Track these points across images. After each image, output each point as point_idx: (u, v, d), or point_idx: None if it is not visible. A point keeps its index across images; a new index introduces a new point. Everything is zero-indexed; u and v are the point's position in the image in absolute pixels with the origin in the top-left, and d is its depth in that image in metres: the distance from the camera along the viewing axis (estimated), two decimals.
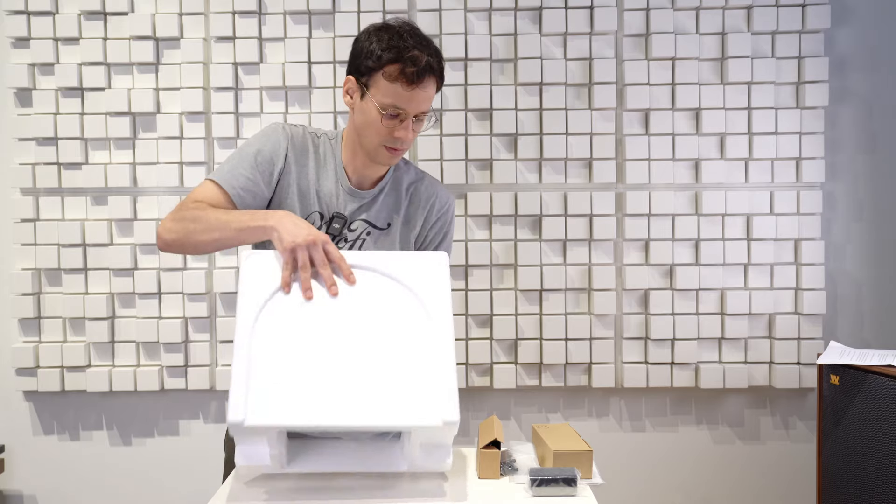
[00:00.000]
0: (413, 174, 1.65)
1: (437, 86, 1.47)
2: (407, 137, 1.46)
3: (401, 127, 1.45)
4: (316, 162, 1.56)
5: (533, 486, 1.28)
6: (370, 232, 1.57)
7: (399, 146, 1.48)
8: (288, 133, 1.54)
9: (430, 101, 1.47)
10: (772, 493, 2.55)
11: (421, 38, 1.44)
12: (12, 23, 2.42)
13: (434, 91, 1.47)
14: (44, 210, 2.46)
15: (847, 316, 2.53)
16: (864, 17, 2.49)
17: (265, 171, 1.50)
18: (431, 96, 1.46)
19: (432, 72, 1.43)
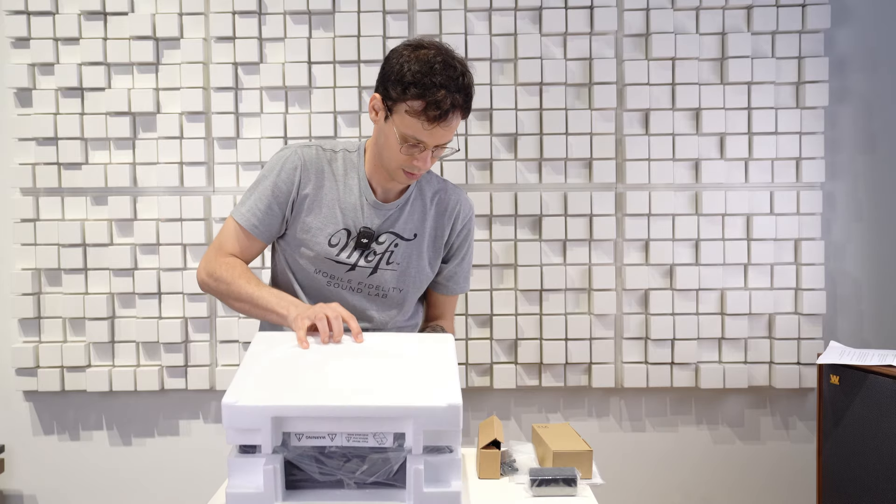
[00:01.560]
0: (436, 183, 1.67)
1: (462, 116, 1.46)
2: (425, 166, 1.48)
3: (420, 157, 1.46)
4: (334, 179, 1.56)
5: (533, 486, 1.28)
6: (397, 244, 1.58)
7: (417, 171, 1.49)
8: (301, 158, 1.55)
9: (452, 133, 1.46)
10: (772, 493, 2.55)
11: (452, 70, 1.40)
12: (12, 23, 2.42)
13: (458, 123, 1.46)
14: (44, 210, 2.46)
15: (847, 316, 2.53)
16: (864, 17, 2.49)
17: (282, 203, 1.55)
18: (454, 128, 1.45)
19: (455, 110, 1.41)
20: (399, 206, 1.58)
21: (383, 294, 1.60)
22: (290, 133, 2.44)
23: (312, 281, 1.58)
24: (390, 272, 1.58)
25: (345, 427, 1.14)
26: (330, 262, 1.55)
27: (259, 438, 1.13)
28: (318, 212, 1.54)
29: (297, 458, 1.17)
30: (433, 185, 1.65)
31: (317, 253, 1.55)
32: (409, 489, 1.16)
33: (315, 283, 1.58)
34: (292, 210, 1.55)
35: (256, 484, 1.15)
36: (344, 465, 1.17)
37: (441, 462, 1.17)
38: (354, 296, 1.58)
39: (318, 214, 1.54)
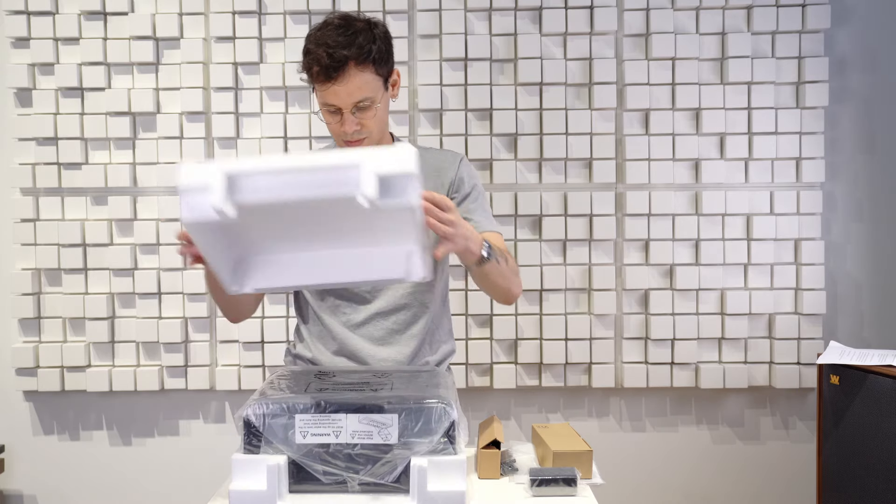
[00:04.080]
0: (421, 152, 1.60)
1: (370, 70, 1.42)
2: (350, 129, 1.44)
3: (344, 122, 1.44)
4: None
5: (533, 486, 1.28)
6: None
7: (354, 139, 1.46)
8: None
9: (361, 90, 1.41)
10: (772, 493, 2.55)
11: (341, 28, 1.41)
12: (12, 23, 2.42)
13: (364, 79, 1.41)
14: (44, 210, 2.46)
15: (847, 316, 2.53)
16: (864, 17, 2.49)
17: None
18: (361, 85, 1.41)
19: (346, 64, 1.39)
20: None
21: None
22: (290, 133, 2.44)
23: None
24: None
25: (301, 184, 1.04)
26: None
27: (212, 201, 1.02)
28: None
29: (302, 457, 1.17)
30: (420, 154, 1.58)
31: None
32: (413, 488, 1.16)
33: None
34: None
35: (260, 482, 1.15)
36: (348, 466, 1.17)
37: (445, 462, 1.17)
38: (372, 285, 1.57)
39: None
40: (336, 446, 1.17)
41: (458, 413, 1.21)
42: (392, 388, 1.26)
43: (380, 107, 1.47)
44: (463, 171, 1.61)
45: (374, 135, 1.49)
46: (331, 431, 1.17)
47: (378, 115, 1.48)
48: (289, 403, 1.18)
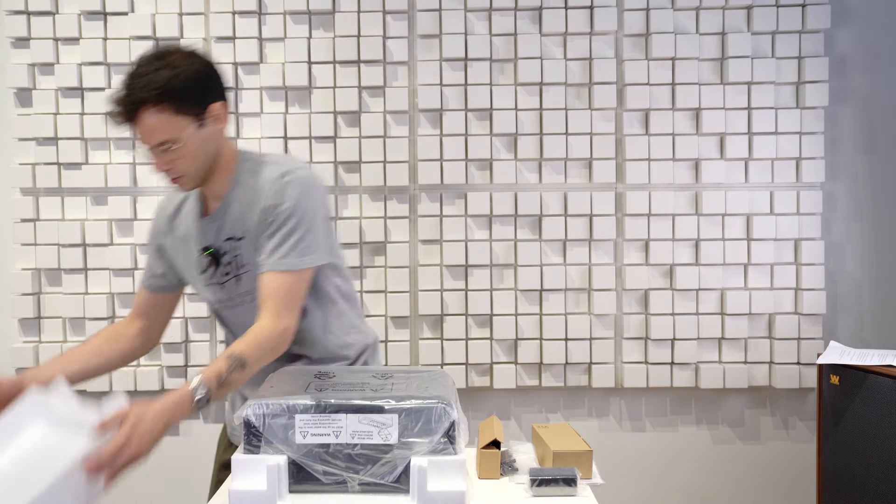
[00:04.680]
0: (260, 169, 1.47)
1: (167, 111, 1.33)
2: (158, 168, 1.39)
3: (154, 158, 1.39)
4: (183, 213, 1.55)
5: (533, 486, 1.28)
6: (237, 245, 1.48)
7: (168, 175, 1.40)
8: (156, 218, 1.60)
9: (162, 131, 1.34)
10: (772, 493, 2.55)
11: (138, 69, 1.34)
12: (12, 23, 2.42)
13: (160, 120, 1.33)
14: (44, 210, 2.46)
15: (847, 316, 2.53)
16: (864, 17, 2.49)
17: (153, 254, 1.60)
18: (161, 126, 1.33)
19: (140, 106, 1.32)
20: (223, 211, 1.48)
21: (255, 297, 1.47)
22: (290, 133, 2.44)
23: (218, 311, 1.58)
24: (246, 275, 1.49)
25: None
26: (207, 289, 1.54)
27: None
28: (180, 248, 1.55)
29: (302, 457, 1.17)
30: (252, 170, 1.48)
31: (199, 287, 1.56)
32: (413, 488, 1.16)
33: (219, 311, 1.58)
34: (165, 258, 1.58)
35: (260, 482, 1.15)
36: (348, 466, 1.17)
37: (445, 462, 1.17)
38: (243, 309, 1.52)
39: (181, 251, 1.55)
40: (336, 446, 1.17)
41: (459, 413, 1.21)
42: (392, 388, 1.26)
43: (187, 146, 1.37)
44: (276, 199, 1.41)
45: (190, 172, 1.40)
46: (331, 431, 1.17)
47: (190, 153, 1.38)
48: (289, 403, 1.18)
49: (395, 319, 2.47)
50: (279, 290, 1.40)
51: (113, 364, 1.57)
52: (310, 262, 1.43)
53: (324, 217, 1.48)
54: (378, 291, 2.47)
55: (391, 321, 2.47)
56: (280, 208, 1.41)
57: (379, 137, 2.44)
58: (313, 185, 1.46)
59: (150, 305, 1.61)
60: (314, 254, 1.44)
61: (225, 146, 1.48)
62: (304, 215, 1.42)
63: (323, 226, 1.47)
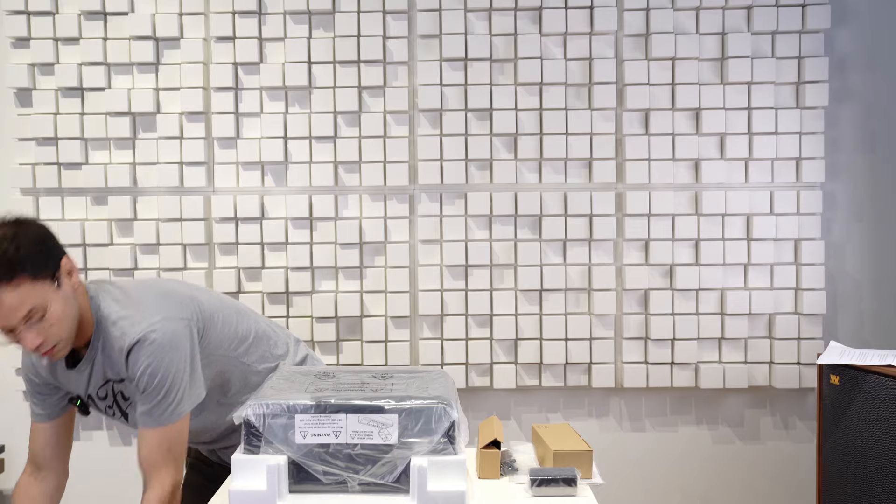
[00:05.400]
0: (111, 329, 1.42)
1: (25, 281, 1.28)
2: (33, 343, 1.32)
3: (22, 338, 1.32)
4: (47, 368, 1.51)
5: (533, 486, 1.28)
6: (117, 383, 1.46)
7: (42, 350, 1.34)
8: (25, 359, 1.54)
9: (24, 304, 1.28)
10: (772, 493, 2.55)
11: None
12: (12, 23, 2.42)
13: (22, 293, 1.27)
14: (44, 210, 2.46)
15: (847, 316, 2.53)
16: (864, 17, 2.49)
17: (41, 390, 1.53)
18: (22, 299, 1.28)
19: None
20: (88, 362, 1.44)
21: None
22: (290, 133, 2.44)
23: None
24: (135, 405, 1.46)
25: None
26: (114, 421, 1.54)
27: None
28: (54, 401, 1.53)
29: (302, 457, 1.17)
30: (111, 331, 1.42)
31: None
32: (413, 488, 1.16)
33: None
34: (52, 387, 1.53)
35: (260, 482, 1.15)
36: (348, 466, 1.17)
37: (445, 462, 1.17)
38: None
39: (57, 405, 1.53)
40: (336, 446, 1.17)
41: (459, 413, 1.21)
42: (392, 388, 1.26)
43: (53, 311, 1.32)
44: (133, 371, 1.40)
45: (63, 336, 1.36)
46: (331, 431, 1.17)
47: (57, 317, 1.33)
48: (289, 403, 1.18)
49: (395, 319, 2.47)
50: (160, 446, 1.41)
51: None
52: (181, 412, 1.42)
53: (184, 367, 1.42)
54: (378, 291, 2.47)
55: (391, 321, 2.47)
56: (142, 379, 1.38)
57: (379, 137, 2.45)
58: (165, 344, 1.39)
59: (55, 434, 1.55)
60: (184, 403, 1.42)
61: (82, 298, 1.42)
62: (165, 376, 1.38)
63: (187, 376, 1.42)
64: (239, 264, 2.45)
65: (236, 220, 2.45)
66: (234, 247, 2.46)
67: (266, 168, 2.46)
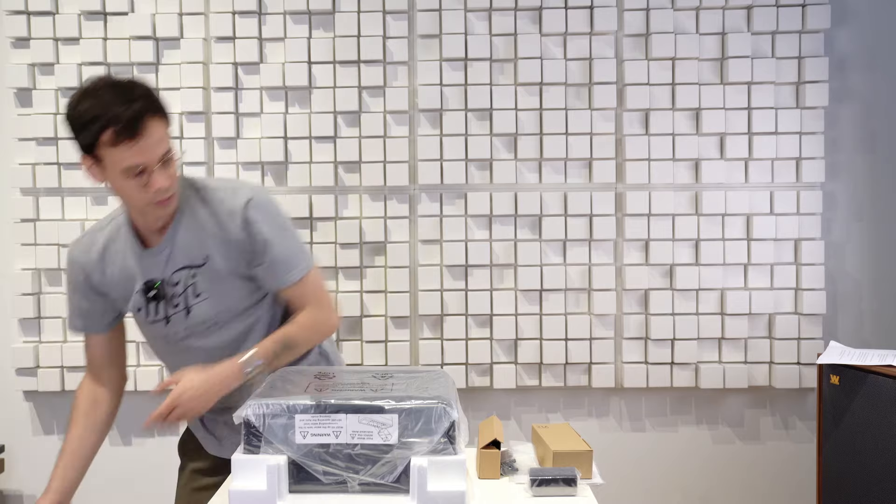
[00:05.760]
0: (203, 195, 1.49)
1: (163, 121, 1.36)
2: (163, 185, 1.35)
3: (151, 180, 1.35)
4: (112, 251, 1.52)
5: (533, 486, 1.28)
6: (194, 274, 1.48)
7: (164, 196, 1.38)
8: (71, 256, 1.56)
9: (164, 142, 1.35)
10: (772, 493, 2.55)
11: (118, 87, 1.34)
12: (12, 23, 2.42)
13: (162, 130, 1.35)
14: (44, 210, 2.46)
15: (847, 316, 2.53)
16: (864, 17, 2.49)
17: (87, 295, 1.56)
18: (162, 137, 1.34)
19: (144, 116, 1.31)
20: (171, 241, 1.47)
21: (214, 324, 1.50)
22: (290, 133, 2.44)
23: (159, 347, 1.59)
24: (205, 302, 1.48)
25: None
26: (150, 326, 1.53)
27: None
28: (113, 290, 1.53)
29: (302, 457, 1.17)
30: (207, 198, 1.48)
31: (139, 323, 1.55)
32: (413, 488, 1.16)
33: (160, 347, 1.58)
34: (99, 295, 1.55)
35: (260, 482, 1.15)
36: (348, 466, 1.17)
37: (445, 462, 1.17)
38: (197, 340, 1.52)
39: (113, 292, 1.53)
40: (336, 446, 1.17)
41: (459, 413, 1.21)
42: (392, 388, 1.26)
43: (175, 160, 1.39)
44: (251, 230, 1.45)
45: (176, 188, 1.41)
46: (331, 431, 1.17)
47: (176, 167, 1.39)
48: (289, 403, 1.18)
49: (395, 319, 2.47)
50: (309, 288, 1.50)
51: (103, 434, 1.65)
52: (313, 258, 1.52)
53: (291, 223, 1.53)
54: (378, 291, 2.46)
55: (391, 321, 2.47)
56: (261, 237, 1.44)
57: (379, 137, 2.45)
58: (272, 201, 1.49)
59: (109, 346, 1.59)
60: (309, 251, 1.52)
61: None
62: (283, 228, 1.48)
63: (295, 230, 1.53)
64: None
65: None
66: None
67: (266, 168, 2.46)
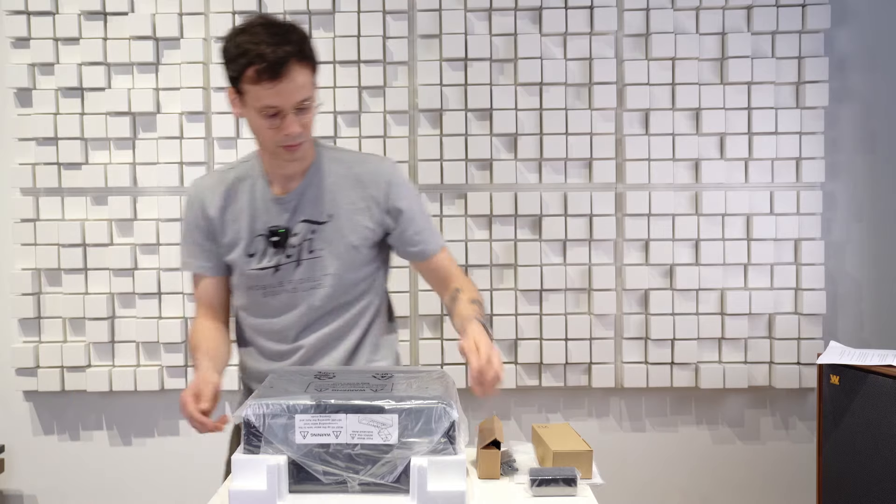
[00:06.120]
0: (348, 157, 1.57)
1: (309, 69, 1.39)
2: (294, 131, 1.38)
3: (284, 124, 1.38)
4: (238, 192, 1.53)
5: (533, 486, 1.28)
6: (314, 230, 1.51)
7: (293, 142, 1.41)
8: (196, 188, 1.56)
9: (305, 89, 1.38)
10: (772, 493, 2.55)
11: (274, 28, 1.36)
12: (12, 23, 2.42)
13: (306, 77, 1.38)
14: (44, 210, 2.46)
15: (847, 316, 2.53)
16: (864, 17, 2.49)
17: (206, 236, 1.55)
18: (304, 84, 1.37)
19: (290, 60, 1.34)
20: (300, 192, 1.51)
21: (318, 284, 1.52)
22: None
23: (252, 299, 1.57)
24: (316, 260, 1.51)
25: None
26: (255, 273, 1.53)
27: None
28: (229, 229, 1.53)
29: (302, 457, 1.17)
30: (345, 159, 1.56)
31: (240, 268, 1.54)
32: (413, 488, 1.16)
33: (254, 300, 1.56)
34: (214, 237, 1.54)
35: (260, 482, 1.15)
36: (348, 466, 1.17)
37: (445, 462, 1.17)
38: (294, 296, 1.53)
39: (229, 232, 1.53)
40: (336, 446, 1.17)
41: (459, 413, 1.21)
42: (392, 388, 1.26)
43: (313, 108, 1.42)
44: (394, 195, 1.52)
45: (310, 137, 1.45)
46: (331, 431, 1.17)
47: (312, 116, 1.43)
48: (289, 404, 1.18)
49: None
50: (450, 261, 1.62)
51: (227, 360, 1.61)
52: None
53: None
54: None
55: None
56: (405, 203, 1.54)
57: (379, 137, 2.44)
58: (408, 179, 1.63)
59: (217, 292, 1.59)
60: None
61: None
62: (420, 202, 1.61)
63: None
64: None
65: None
66: None
67: None
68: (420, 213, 1.57)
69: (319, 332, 1.55)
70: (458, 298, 1.54)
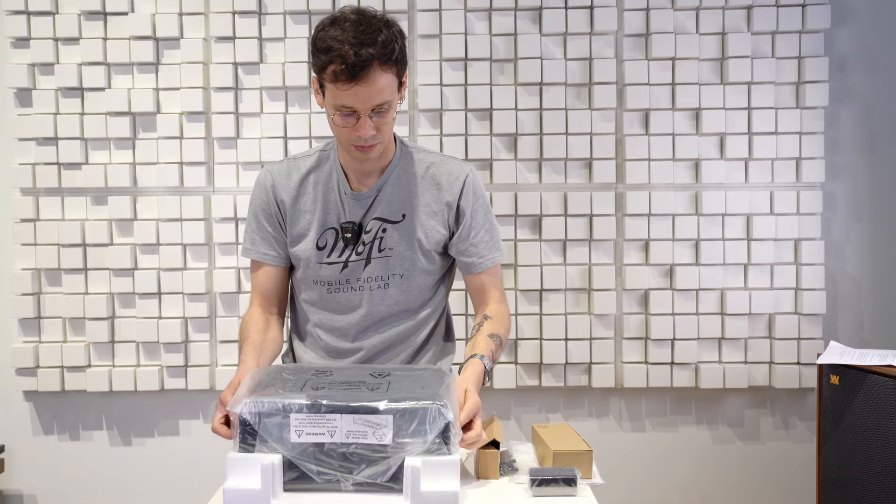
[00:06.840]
0: (427, 158, 1.56)
1: (391, 72, 1.36)
2: (366, 134, 1.37)
3: (358, 125, 1.37)
4: (314, 183, 1.53)
5: (533, 486, 1.28)
6: (385, 228, 1.51)
7: (366, 143, 1.40)
8: (270, 174, 1.55)
9: (384, 93, 1.35)
10: (772, 493, 2.55)
11: (362, 26, 1.32)
12: (12, 23, 2.42)
13: (387, 80, 1.35)
14: (44, 210, 2.46)
15: (847, 316, 2.53)
16: (864, 17, 2.49)
17: (272, 221, 1.54)
18: (384, 87, 1.35)
19: (371, 64, 1.31)
20: (377, 189, 1.51)
21: (385, 284, 1.53)
22: (290, 133, 2.44)
23: (317, 294, 1.55)
24: (385, 259, 1.51)
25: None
26: (323, 267, 1.52)
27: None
28: (300, 219, 1.52)
29: (296, 456, 1.17)
30: (424, 160, 1.56)
31: (307, 260, 1.52)
32: (407, 488, 1.16)
33: (319, 294, 1.55)
34: (283, 226, 1.54)
35: (254, 481, 1.15)
36: (342, 466, 1.17)
37: (439, 462, 1.17)
38: (358, 295, 1.53)
39: (300, 222, 1.52)
40: (330, 446, 1.17)
41: (455, 413, 1.21)
42: (388, 388, 1.26)
43: (392, 111, 1.41)
44: (465, 199, 1.53)
45: (385, 140, 1.43)
46: (325, 431, 1.17)
47: (391, 120, 1.41)
48: (284, 403, 1.18)
49: None
50: (497, 279, 1.60)
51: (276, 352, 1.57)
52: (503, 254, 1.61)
53: None
54: None
55: None
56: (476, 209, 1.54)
57: None
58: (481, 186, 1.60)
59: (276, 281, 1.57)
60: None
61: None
62: (489, 212, 1.59)
63: None
64: (239, 264, 2.46)
65: (236, 220, 2.45)
66: (234, 247, 2.46)
67: None
68: (482, 224, 1.55)
69: (381, 334, 1.56)
70: (482, 327, 1.53)
